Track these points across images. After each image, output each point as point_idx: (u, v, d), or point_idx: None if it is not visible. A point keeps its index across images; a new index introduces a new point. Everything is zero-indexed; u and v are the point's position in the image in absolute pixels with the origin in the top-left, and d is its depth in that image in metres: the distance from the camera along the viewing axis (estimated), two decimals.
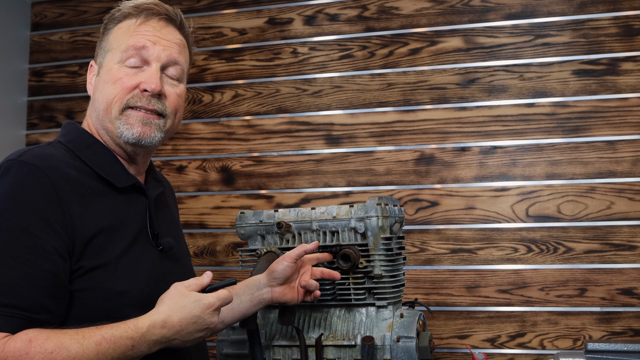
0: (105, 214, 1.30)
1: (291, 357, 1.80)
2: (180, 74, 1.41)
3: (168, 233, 1.45)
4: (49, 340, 1.12)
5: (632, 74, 2.46)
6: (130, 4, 1.40)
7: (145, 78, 1.34)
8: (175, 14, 1.42)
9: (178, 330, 1.21)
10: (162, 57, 1.36)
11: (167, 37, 1.38)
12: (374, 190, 2.62)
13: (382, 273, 1.76)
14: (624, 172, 2.43)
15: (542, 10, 2.56)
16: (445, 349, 2.50)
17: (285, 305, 1.65)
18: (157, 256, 1.37)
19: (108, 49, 1.39)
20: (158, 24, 1.39)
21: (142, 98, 1.34)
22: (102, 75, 1.38)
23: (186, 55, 1.44)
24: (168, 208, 1.55)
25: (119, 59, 1.36)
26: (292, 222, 1.85)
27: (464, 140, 2.57)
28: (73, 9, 3.09)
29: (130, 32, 1.37)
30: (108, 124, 1.35)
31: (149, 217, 1.38)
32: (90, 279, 1.24)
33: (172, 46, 1.39)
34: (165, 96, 1.37)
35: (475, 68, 2.59)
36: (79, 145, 1.35)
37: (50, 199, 1.21)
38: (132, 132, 1.33)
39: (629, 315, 2.37)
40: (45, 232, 1.18)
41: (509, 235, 2.49)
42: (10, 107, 3.02)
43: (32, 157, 1.24)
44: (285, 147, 2.74)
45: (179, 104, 1.41)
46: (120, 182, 1.35)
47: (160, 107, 1.35)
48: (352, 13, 2.74)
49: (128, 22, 1.39)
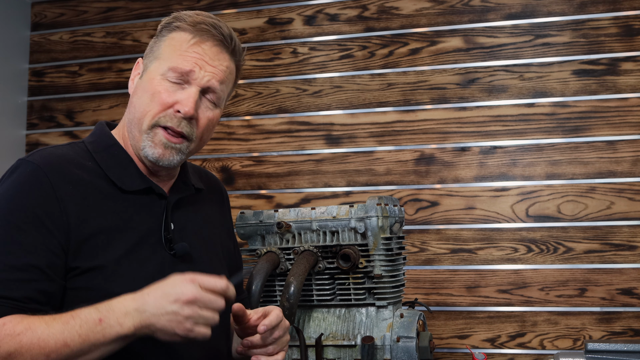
0: (108, 215, 1.30)
1: (291, 357, 1.80)
2: (218, 100, 1.40)
3: (193, 237, 1.43)
4: (20, 324, 1.14)
5: (632, 74, 2.46)
6: (190, 18, 1.38)
7: (182, 99, 1.34)
8: (231, 40, 1.40)
9: (146, 300, 1.17)
10: (203, 82, 1.36)
11: (214, 62, 1.37)
12: (374, 190, 2.62)
13: (382, 273, 1.76)
14: (624, 172, 2.43)
15: (542, 10, 2.56)
16: (445, 349, 2.49)
17: (284, 305, 1.66)
18: (170, 260, 1.35)
19: (157, 56, 1.38)
20: (210, 50, 1.37)
21: (173, 119, 1.34)
22: (144, 80, 1.38)
23: (230, 81, 1.43)
24: (200, 211, 1.51)
25: (162, 72, 1.35)
26: (292, 222, 1.85)
27: (464, 140, 2.57)
28: (73, 9, 3.09)
29: (181, 50, 1.36)
30: (136, 132, 1.37)
31: (165, 221, 1.37)
32: (87, 279, 1.25)
33: (217, 73, 1.38)
34: (197, 120, 1.37)
35: (475, 68, 2.59)
36: (97, 146, 1.38)
37: (46, 198, 1.24)
38: (154, 151, 1.34)
39: (629, 315, 2.37)
40: (37, 229, 1.22)
41: (509, 235, 2.49)
42: (10, 107, 3.02)
43: (39, 157, 1.29)
44: (285, 147, 2.74)
45: (208, 128, 1.40)
46: (127, 186, 1.35)
47: (188, 130, 1.35)
48: (352, 13, 2.74)
49: (183, 35, 1.37)
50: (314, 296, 1.84)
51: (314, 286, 1.83)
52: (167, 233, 1.37)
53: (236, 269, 1.59)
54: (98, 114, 2.95)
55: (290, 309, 1.68)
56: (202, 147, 1.45)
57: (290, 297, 1.68)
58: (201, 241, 1.44)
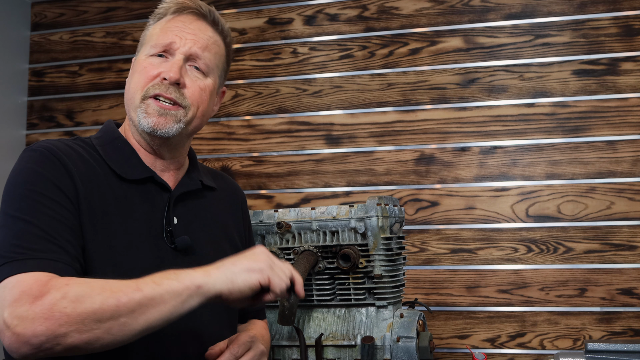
0: (110, 201, 1.31)
1: (291, 357, 1.80)
2: (206, 69, 1.42)
3: (200, 233, 1.43)
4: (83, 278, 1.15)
5: (632, 74, 2.46)
6: (171, 2, 1.45)
7: (166, 67, 1.38)
8: (208, 11, 1.45)
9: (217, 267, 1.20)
10: (185, 49, 1.39)
11: (194, 31, 1.42)
12: (374, 190, 2.62)
13: (382, 273, 1.76)
14: (624, 172, 2.43)
15: (542, 10, 2.56)
16: (445, 349, 2.50)
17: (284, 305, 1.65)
18: (169, 253, 1.35)
19: (142, 43, 1.45)
20: (187, 18, 1.43)
21: (160, 86, 1.36)
22: (132, 67, 1.44)
23: (217, 51, 1.46)
24: (210, 210, 1.51)
25: (147, 52, 1.41)
26: (292, 222, 1.85)
27: (464, 140, 2.57)
28: (73, 9, 3.09)
29: (161, 28, 1.42)
30: (131, 112, 1.39)
31: (167, 214, 1.37)
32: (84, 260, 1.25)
33: (198, 40, 1.41)
34: (185, 86, 1.39)
35: (475, 68, 2.59)
36: (102, 141, 1.40)
37: (60, 171, 1.26)
38: (148, 121, 1.36)
39: (629, 315, 2.37)
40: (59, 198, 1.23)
41: (509, 235, 2.49)
42: (10, 107, 3.02)
43: (44, 142, 1.31)
44: (285, 147, 2.74)
45: (202, 98, 1.42)
46: (128, 174, 1.35)
47: (177, 96, 1.37)
48: (352, 13, 2.74)
49: (164, 18, 1.44)
50: (314, 296, 1.84)
51: (314, 286, 1.83)
52: (168, 226, 1.36)
53: None
54: (98, 114, 2.95)
55: (290, 309, 1.68)
56: (203, 120, 1.46)
57: (290, 297, 1.68)
58: (208, 238, 1.44)
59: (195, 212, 1.46)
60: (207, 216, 1.48)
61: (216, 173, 1.61)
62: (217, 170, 1.64)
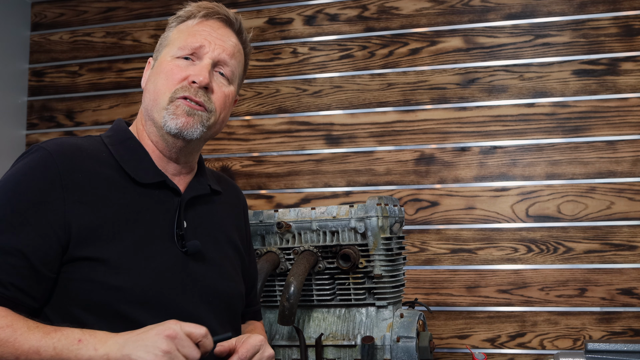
0: (118, 207, 1.29)
1: (291, 357, 1.80)
2: (230, 76, 1.44)
3: (206, 237, 1.42)
4: (4, 318, 1.15)
5: (632, 74, 2.46)
6: (194, 6, 1.46)
7: (195, 71, 1.37)
8: (235, 19, 1.46)
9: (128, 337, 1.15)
10: (215, 55, 1.40)
11: (222, 37, 1.43)
12: (374, 190, 2.62)
13: (382, 273, 1.76)
14: (624, 172, 2.43)
15: (542, 10, 2.56)
16: (445, 349, 2.49)
17: (284, 305, 1.65)
18: (180, 257, 1.35)
19: (166, 44, 1.44)
20: (216, 24, 1.44)
21: (189, 89, 1.36)
22: (155, 67, 1.42)
23: (240, 60, 1.47)
24: (215, 213, 1.50)
25: (173, 54, 1.40)
26: (292, 222, 1.85)
27: (464, 140, 2.57)
28: (73, 9, 3.09)
29: (189, 31, 1.42)
30: (155, 114, 1.38)
31: (177, 217, 1.37)
32: (89, 270, 1.24)
33: (227, 47, 1.42)
34: (212, 91, 1.39)
35: (475, 68, 2.59)
36: (114, 140, 1.39)
37: (51, 185, 1.24)
38: (176, 122, 1.35)
39: (629, 315, 2.37)
40: (35, 217, 1.22)
41: (509, 235, 2.49)
42: (10, 107, 3.02)
43: (53, 144, 1.30)
44: (285, 147, 2.74)
45: (225, 104, 1.43)
46: (142, 178, 1.35)
47: (205, 99, 1.37)
48: (352, 13, 2.74)
49: (189, 20, 1.44)
50: (314, 296, 1.84)
51: (314, 286, 1.83)
52: (180, 230, 1.36)
53: (249, 284, 1.58)
54: (98, 114, 2.95)
55: (291, 309, 1.68)
56: (221, 127, 1.46)
57: (290, 297, 1.68)
58: (214, 242, 1.44)
59: (203, 216, 1.46)
60: (213, 220, 1.48)
61: (219, 176, 1.61)
62: (219, 173, 1.64)
